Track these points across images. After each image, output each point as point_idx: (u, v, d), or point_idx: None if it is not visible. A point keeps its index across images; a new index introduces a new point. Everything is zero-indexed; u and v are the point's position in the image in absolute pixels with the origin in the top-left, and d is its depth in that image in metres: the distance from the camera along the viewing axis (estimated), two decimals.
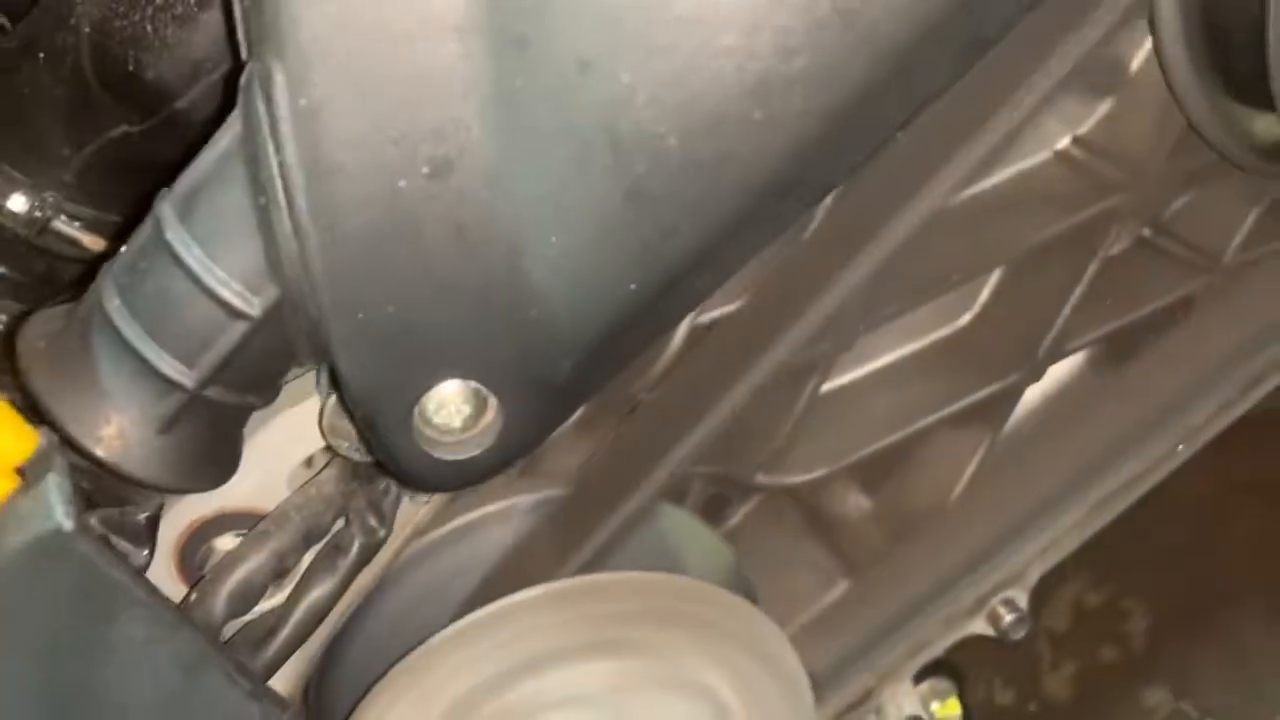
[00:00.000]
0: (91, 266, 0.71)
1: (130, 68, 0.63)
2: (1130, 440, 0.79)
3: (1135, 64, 0.70)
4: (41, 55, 0.68)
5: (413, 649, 0.58)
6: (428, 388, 0.42)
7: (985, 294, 0.80)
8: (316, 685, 0.66)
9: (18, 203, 0.69)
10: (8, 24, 0.71)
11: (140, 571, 0.41)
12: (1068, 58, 0.53)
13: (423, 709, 0.60)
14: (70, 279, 0.72)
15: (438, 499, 0.61)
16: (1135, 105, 0.72)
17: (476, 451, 0.44)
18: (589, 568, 0.66)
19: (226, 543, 0.60)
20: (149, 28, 0.62)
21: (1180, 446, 0.79)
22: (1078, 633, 1.13)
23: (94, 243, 0.71)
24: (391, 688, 0.59)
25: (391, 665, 0.58)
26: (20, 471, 0.36)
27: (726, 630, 0.66)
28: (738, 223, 0.39)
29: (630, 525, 0.68)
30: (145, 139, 0.67)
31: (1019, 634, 0.78)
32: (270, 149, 0.37)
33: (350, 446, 0.55)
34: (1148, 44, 0.68)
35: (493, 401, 0.43)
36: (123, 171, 0.70)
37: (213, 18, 0.63)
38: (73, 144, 0.69)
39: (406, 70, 0.35)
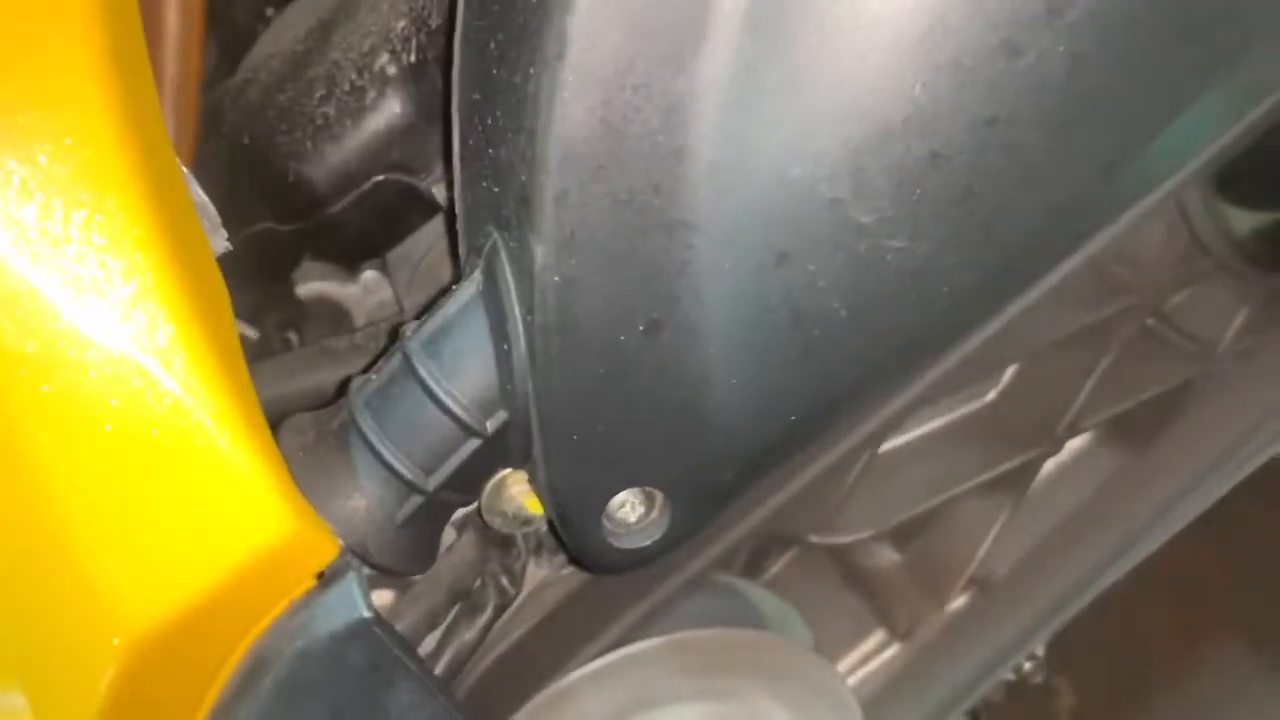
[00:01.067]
0: None
1: (290, 178, 0.72)
2: (1129, 512, 0.91)
3: None
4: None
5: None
6: (615, 493, 0.51)
7: (1008, 375, 0.92)
8: None
9: None
10: None
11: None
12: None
13: None
14: None
15: (557, 563, 0.71)
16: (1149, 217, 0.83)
17: (646, 542, 0.54)
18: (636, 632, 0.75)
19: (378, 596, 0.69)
20: (310, 145, 0.71)
21: (1184, 512, 0.90)
22: (1010, 707, 1.21)
23: None
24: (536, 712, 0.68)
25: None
26: (320, 574, 0.45)
27: (799, 677, 0.76)
28: (890, 370, 0.49)
29: (685, 592, 0.77)
30: (287, 236, 0.76)
31: (1037, 679, 0.89)
32: (517, 309, 0.46)
33: (503, 522, 0.64)
34: None
35: (659, 500, 0.53)
36: (259, 262, 0.78)
37: (363, 138, 0.72)
38: None
39: (636, 253, 0.45)
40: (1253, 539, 1.31)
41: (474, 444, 0.50)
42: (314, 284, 0.85)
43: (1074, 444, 0.93)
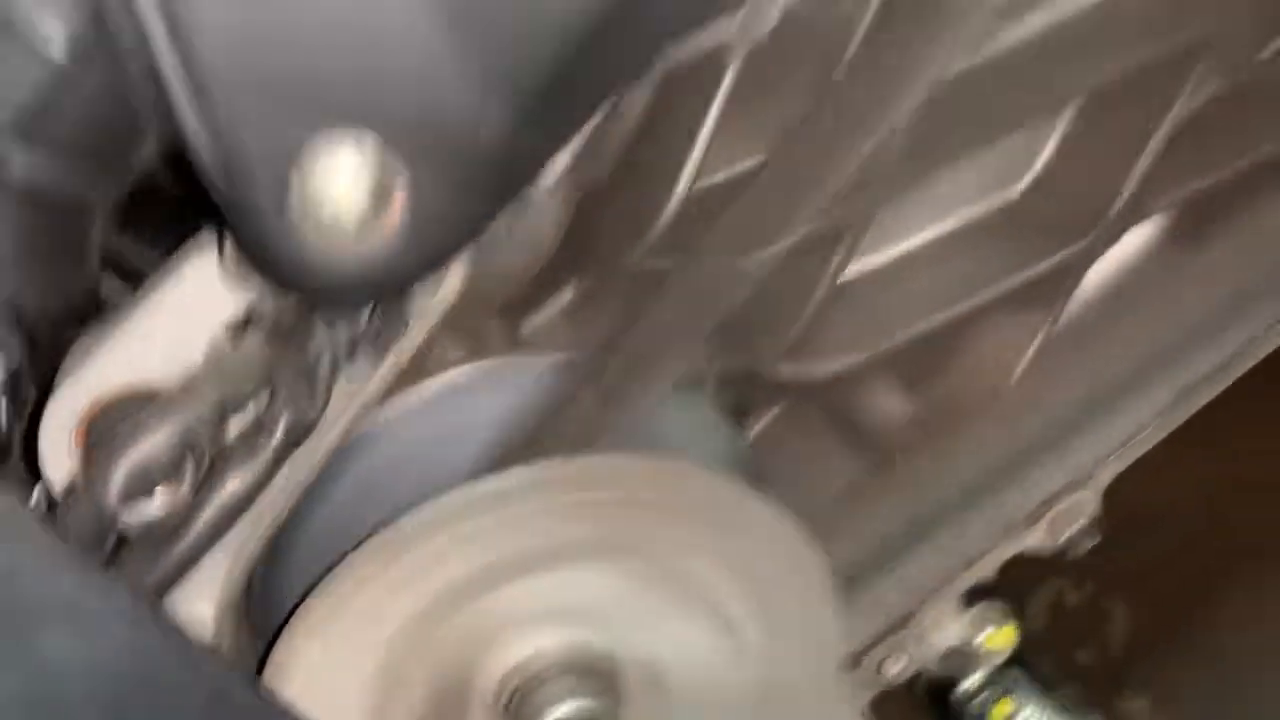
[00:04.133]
0: None
1: None
2: (1217, 318, 0.68)
3: None
4: None
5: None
6: (308, 139, 0.31)
7: (1046, 153, 0.69)
8: (262, 577, 0.56)
9: None
10: None
11: None
12: None
13: (387, 607, 0.50)
14: None
15: (386, 369, 0.51)
16: None
17: (379, 248, 0.33)
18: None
19: None
20: None
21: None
22: (1055, 633, 1.08)
23: None
24: (348, 579, 0.49)
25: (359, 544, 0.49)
26: None
27: (739, 529, 0.55)
28: None
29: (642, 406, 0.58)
30: None
31: (1086, 547, 0.67)
32: None
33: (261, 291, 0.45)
34: None
35: (401, 180, 0.32)
36: None
37: None
38: None
39: None
40: None
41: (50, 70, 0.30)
42: None
43: (1134, 241, 0.70)
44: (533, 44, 0.30)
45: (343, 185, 0.32)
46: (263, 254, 0.34)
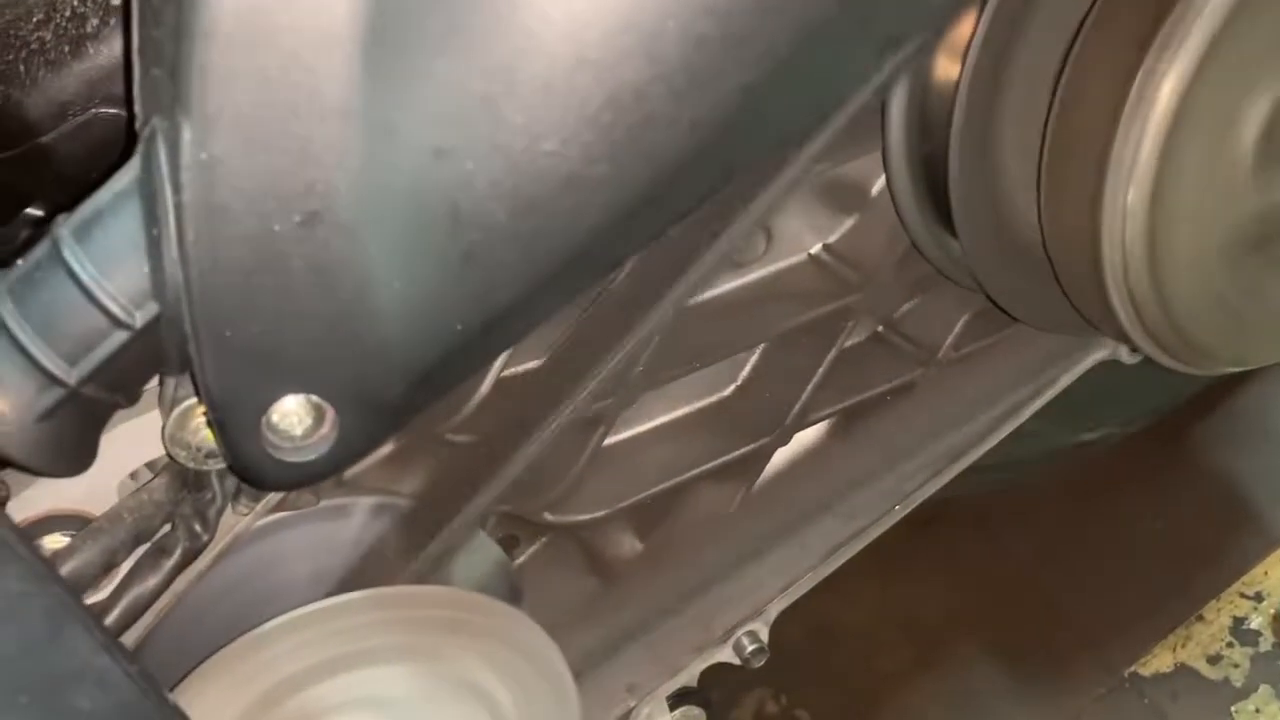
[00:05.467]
0: None
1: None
2: (854, 502, 0.95)
3: (875, 189, 0.87)
4: None
5: (234, 626, 0.65)
6: (276, 399, 0.50)
7: (746, 370, 0.95)
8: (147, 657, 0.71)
9: None
10: None
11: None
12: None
13: (233, 696, 0.66)
14: None
15: (259, 509, 0.69)
16: (873, 223, 0.88)
17: (313, 456, 0.53)
18: (421, 578, 0.76)
19: (54, 541, 0.65)
20: (22, 68, 0.68)
21: (897, 507, 0.95)
22: None
23: None
24: (207, 674, 0.65)
25: (211, 646, 0.65)
26: None
27: (503, 638, 0.75)
28: (547, 282, 0.50)
29: (454, 546, 0.78)
30: (3, 167, 0.72)
31: (759, 662, 0.91)
32: (168, 190, 0.46)
33: (187, 456, 0.62)
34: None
35: (330, 415, 0.52)
36: None
37: (82, 66, 0.69)
38: None
39: (289, 139, 0.45)
40: (980, 576, 1.44)
41: (121, 336, 0.48)
42: None
43: (806, 436, 0.97)
44: (428, 352, 0.51)
45: (291, 424, 0.51)
46: (236, 458, 0.53)
